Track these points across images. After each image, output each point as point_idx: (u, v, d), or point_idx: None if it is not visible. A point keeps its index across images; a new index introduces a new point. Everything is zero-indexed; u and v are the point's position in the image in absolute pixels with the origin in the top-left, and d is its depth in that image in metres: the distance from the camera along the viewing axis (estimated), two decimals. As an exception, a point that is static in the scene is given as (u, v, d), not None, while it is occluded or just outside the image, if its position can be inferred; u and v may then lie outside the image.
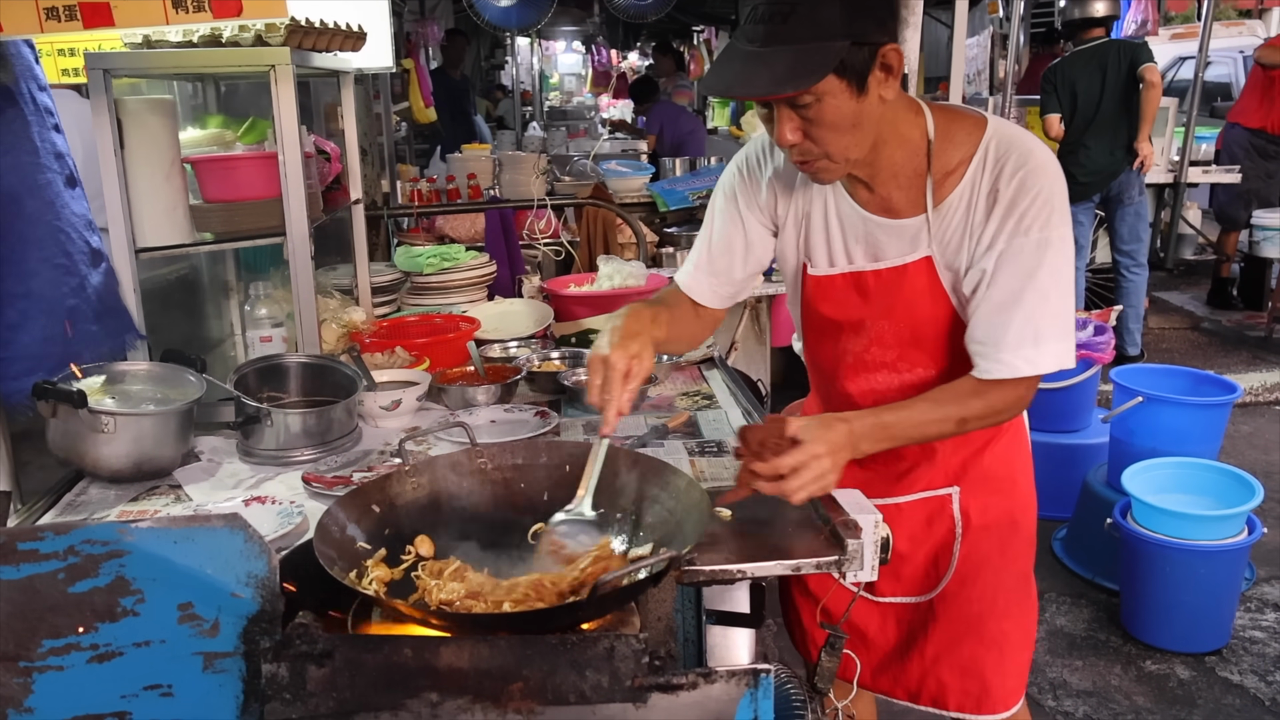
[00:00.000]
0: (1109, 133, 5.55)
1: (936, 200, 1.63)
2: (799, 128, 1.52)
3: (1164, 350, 6.15)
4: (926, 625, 1.88)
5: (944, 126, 1.62)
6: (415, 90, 7.14)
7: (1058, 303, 1.59)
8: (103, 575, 1.23)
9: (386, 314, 3.05)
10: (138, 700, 1.25)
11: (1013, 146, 1.59)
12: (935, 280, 1.67)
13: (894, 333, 1.73)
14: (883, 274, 1.71)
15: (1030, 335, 1.57)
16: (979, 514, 1.84)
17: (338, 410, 2.05)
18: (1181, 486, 3.40)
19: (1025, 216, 1.56)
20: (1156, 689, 3.10)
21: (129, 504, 1.86)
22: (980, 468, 1.84)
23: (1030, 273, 1.56)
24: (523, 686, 1.26)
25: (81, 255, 2.02)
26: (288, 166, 2.11)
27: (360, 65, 2.84)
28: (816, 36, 1.43)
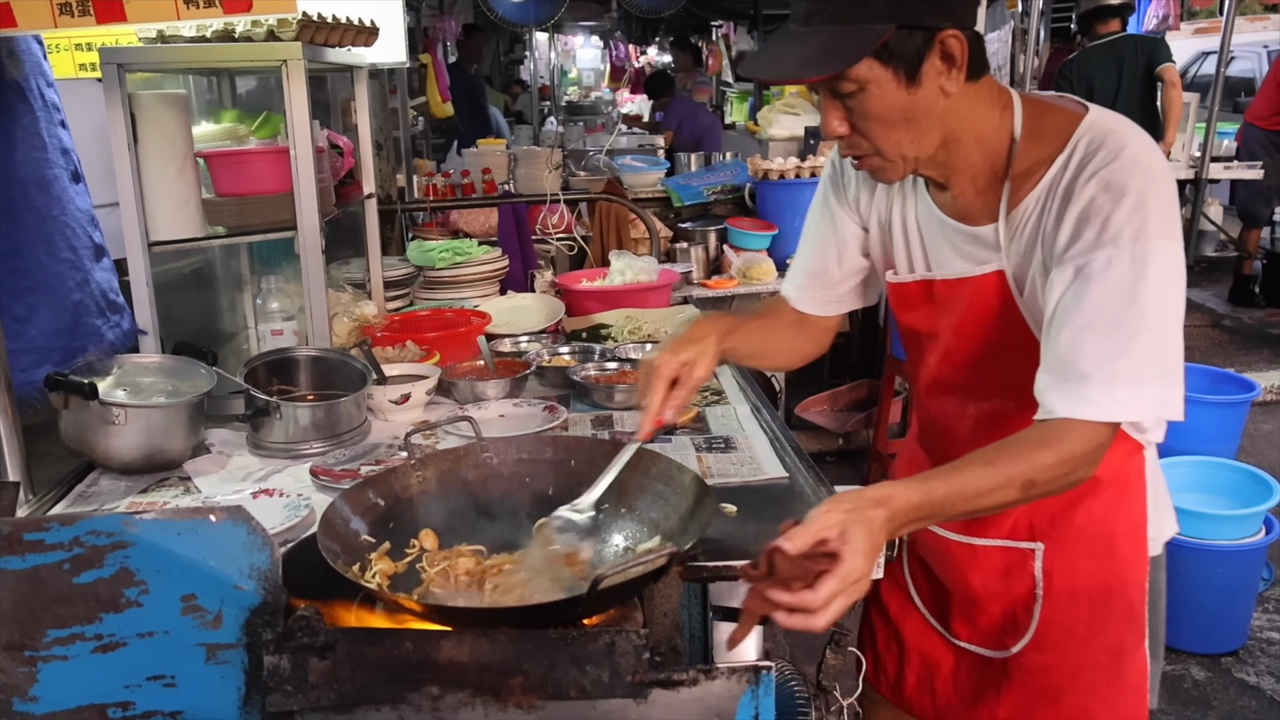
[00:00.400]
0: None
1: (1011, 205, 1.43)
2: (844, 119, 1.38)
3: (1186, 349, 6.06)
4: (999, 684, 1.68)
5: (1033, 122, 1.42)
6: (433, 85, 7.15)
7: (1160, 336, 1.30)
8: (107, 566, 1.24)
9: (399, 308, 3.06)
10: (141, 690, 1.26)
11: (1106, 139, 1.34)
12: (1009, 299, 1.46)
13: (963, 352, 1.55)
14: (952, 284, 1.52)
15: (1127, 369, 1.28)
16: (1065, 577, 1.60)
17: (346, 404, 2.06)
18: (1198, 485, 3.37)
19: (1111, 222, 1.29)
20: (1171, 690, 3.07)
21: (139, 495, 1.87)
22: (1071, 526, 1.58)
23: (1124, 292, 1.28)
24: (523, 681, 1.26)
25: (85, 250, 2.04)
26: (299, 161, 2.12)
27: (374, 60, 2.84)
28: (858, 17, 1.28)
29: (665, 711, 1.29)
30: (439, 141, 8.27)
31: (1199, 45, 9.32)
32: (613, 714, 1.28)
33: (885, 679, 1.87)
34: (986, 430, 1.54)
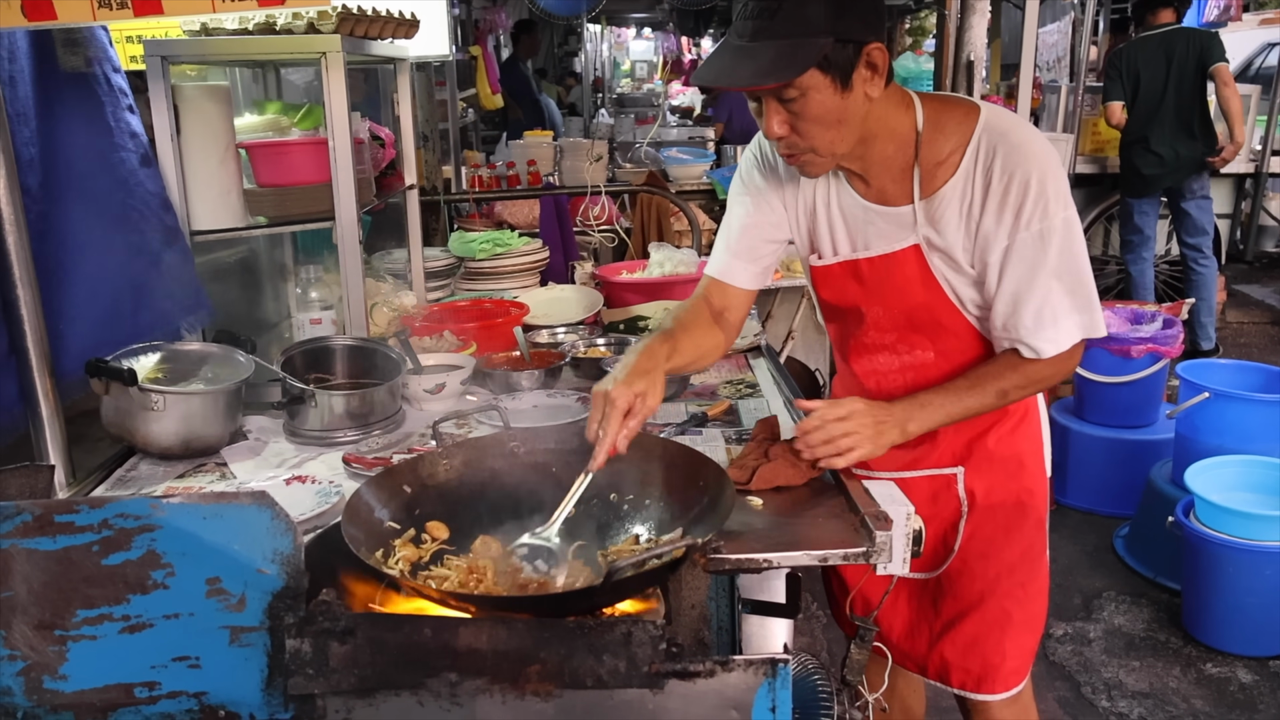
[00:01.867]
0: (1171, 128, 5.38)
1: (929, 190, 1.69)
2: (785, 121, 1.58)
3: (1241, 345, 5.95)
4: (935, 601, 1.94)
5: (933, 118, 1.68)
6: (482, 77, 7.19)
7: (1071, 281, 1.64)
8: (135, 549, 1.26)
9: (439, 299, 3.09)
10: (166, 671, 1.29)
11: (1003, 138, 1.63)
12: (925, 267, 1.73)
13: (889, 317, 1.81)
14: (875, 261, 1.77)
15: (1049, 318, 1.64)
16: (984, 495, 1.87)
17: (380, 392, 2.08)
18: (1247, 485, 3.29)
19: (1023, 211, 1.62)
20: (1216, 692, 3.01)
21: (176, 480, 1.91)
22: (985, 449, 1.87)
23: (1038, 262, 1.63)
24: (540, 669, 1.26)
25: (155, 233, 2.08)
26: (337, 152, 2.14)
27: (416, 53, 2.86)
28: (801, 33, 1.49)
29: (682, 703, 1.28)
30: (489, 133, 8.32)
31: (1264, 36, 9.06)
32: (629, 704, 1.28)
33: (846, 623, 2.06)
34: (914, 379, 1.83)
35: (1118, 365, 4.04)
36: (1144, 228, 5.65)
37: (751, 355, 2.62)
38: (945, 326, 1.77)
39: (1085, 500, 4.22)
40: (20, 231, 1.79)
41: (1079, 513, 4.18)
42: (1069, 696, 3.00)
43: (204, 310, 2.26)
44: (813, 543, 1.55)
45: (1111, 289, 6.25)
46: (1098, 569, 3.75)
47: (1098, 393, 4.15)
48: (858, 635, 1.67)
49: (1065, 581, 3.65)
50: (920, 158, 1.67)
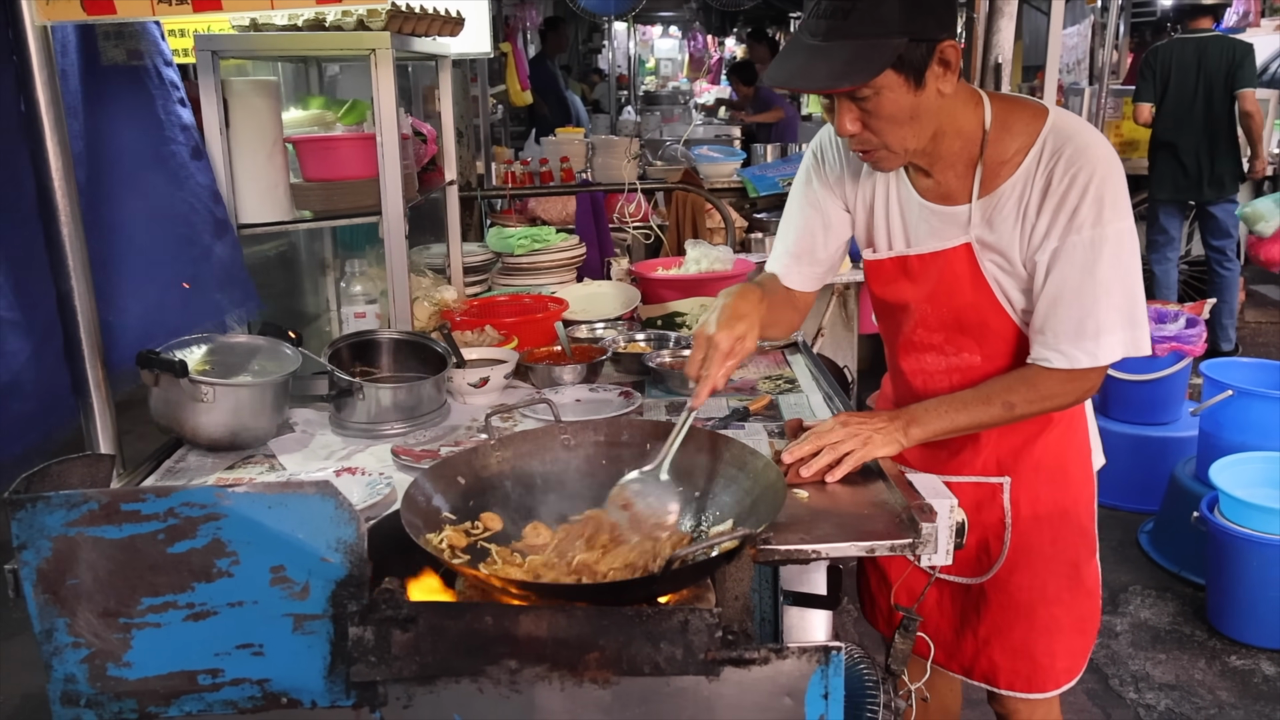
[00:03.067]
0: (1200, 139, 5.37)
1: (988, 188, 1.69)
2: (858, 119, 1.59)
3: (1260, 345, 5.98)
4: (979, 607, 1.93)
5: (1001, 117, 1.68)
6: (512, 73, 7.22)
7: (1120, 296, 1.62)
8: (200, 537, 1.28)
9: (477, 293, 3.10)
10: (230, 658, 1.30)
11: (1070, 139, 1.63)
12: (975, 267, 1.73)
13: (937, 316, 1.81)
14: (925, 258, 1.78)
15: (1091, 329, 1.62)
16: (1029, 505, 1.86)
17: (427, 386, 2.09)
18: (1270, 481, 3.32)
19: (1078, 214, 1.61)
20: (1241, 684, 3.03)
21: (226, 472, 1.92)
22: (1031, 458, 1.85)
23: (1087, 268, 1.61)
24: (599, 656, 1.27)
25: (205, 226, 2.10)
26: (385, 148, 2.15)
27: (459, 50, 2.88)
28: (876, 33, 1.50)
29: (736, 690, 1.29)
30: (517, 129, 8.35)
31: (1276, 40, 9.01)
32: (684, 691, 1.29)
33: (880, 616, 2.11)
34: (959, 381, 1.82)
35: (1142, 363, 4.08)
36: (1170, 229, 5.65)
37: (789, 351, 2.62)
38: (992, 329, 1.77)
39: (1110, 496, 4.22)
40: (75, 224, 1.81)
41: (1104, 509, 4.11)
42: (1097, 689, 3.02)
43: (253, 303, 2.28)
44: (859, 534, 1.55)
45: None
46: (1124, 564, 3.77)
47: (1122, 390, 4.20)
48: (901, 625, 1.68)
49: (1094, 577, 3.67)
50: (985, 155, 1.68)
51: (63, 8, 1.78)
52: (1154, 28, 8.75)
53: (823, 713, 1.30)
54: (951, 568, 1.91)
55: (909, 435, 1.69)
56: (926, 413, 1.71)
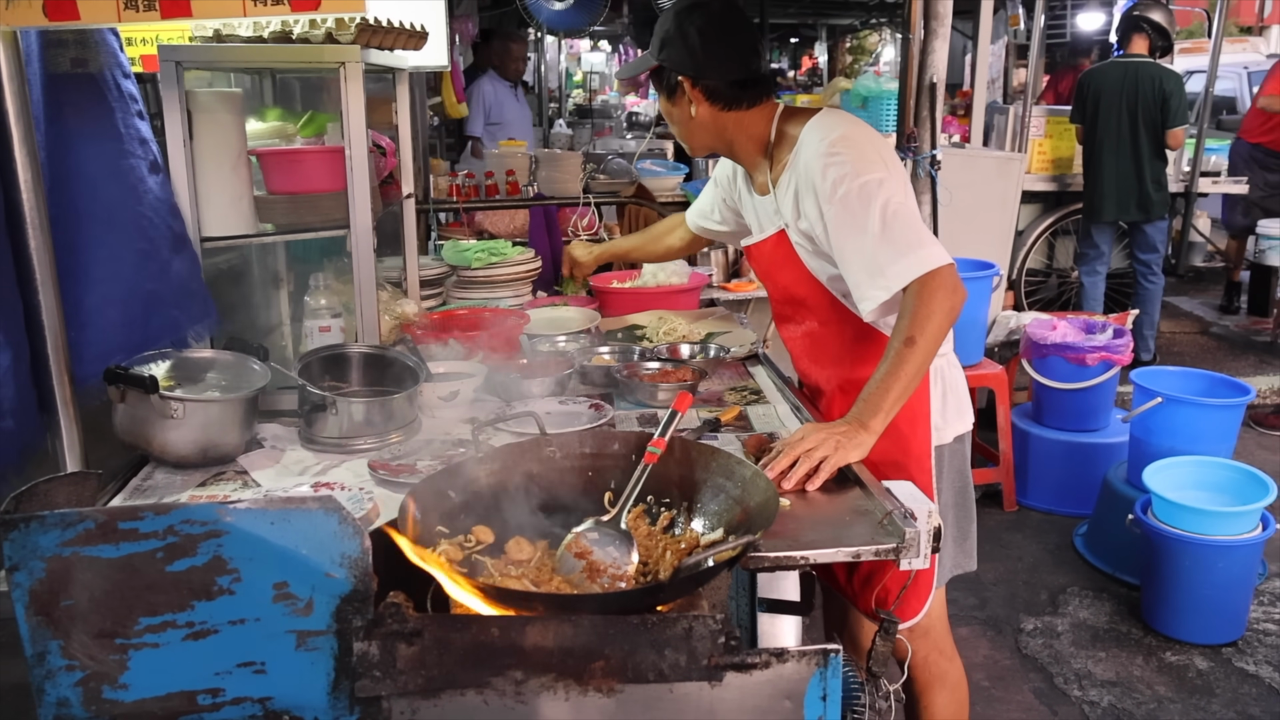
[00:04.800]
0: (1127, 160, 5.56)
1: (775, 179, 2.04)
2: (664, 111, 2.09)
3: (1175, 354, 6.24)
4: None
5: (783, 127, 2.02)
6: (448, 86, 7.14)
7: (888, 231, 1.83)
8: (200, 555, 1.27)
9: (433, 307, 3.09)
10: (231, 677, 1.29)
11: (815, 128, 1.96)
12: (789, 249, 2.04)
13: (777, 292, 2.17)
14: (761, 244, 2.13)
15: (875, 269, 1.83)
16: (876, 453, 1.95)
17: (400, 400, 2.08)
18: (1201, 484, 3.49)
19: (827, 179, 1.88)
20: (1177, 679, 3.17)
21: (197, 489, 1.89)
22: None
23: (853, 227, 1.85)
24: (604, 665, 1.29)
25: (164, 240, 2.06)
26: (354, 161, 2.14)
27: (416, 63, 2.87)
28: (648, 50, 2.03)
29: (738, 694, 1.32)
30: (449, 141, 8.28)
31: (1184, 64, 9.49)
32: (687, 697, 1.31)
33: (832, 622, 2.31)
34: (810, 345, 2.16)
35: (1073, 372, 4.26)
36: (1100, 244, 5.86)
37: (749, 363, 2.67)
38: (817, 299, 2.05)
39: (1045, 501, 4.43)
40: (44, 236, 1.78)
41: (1039, 513, 4.38)
42: (1043, 687, 3.13)
43: (211, 318, 2.24)
44: (845, 540, 1.60)
45: (1055, 301, 6.48)
46: (1061, 566, 3.91)
47: (1054, 398, 4.37)
48: (881, 628, 1.73)
49: (1031, 578, 3.82)
50: (772, 154, 2.03)
51: (23, 12, 1.74)
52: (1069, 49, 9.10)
53: (821, 714, 1.34)
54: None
55: (870, 429, 1.79)
56: (869, 401, 1.81)
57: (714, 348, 2.62)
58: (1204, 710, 3.00)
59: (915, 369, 1.81)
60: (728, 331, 2.81)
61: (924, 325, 1.80)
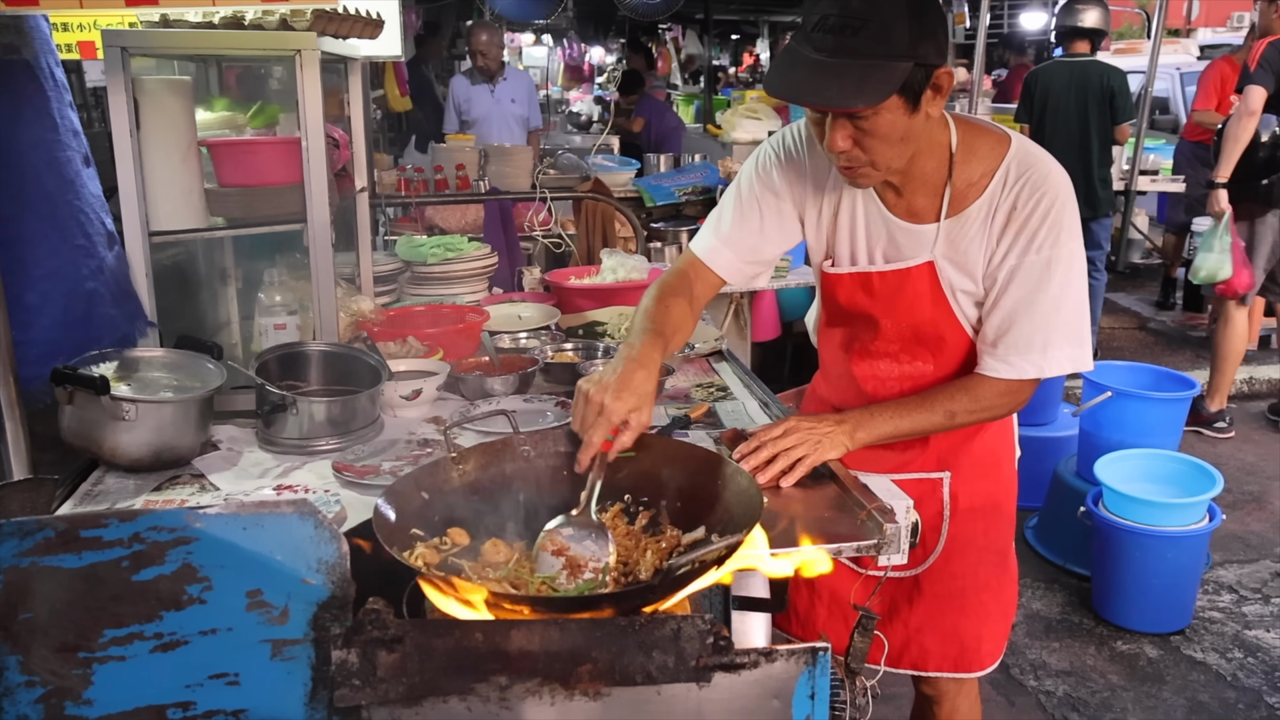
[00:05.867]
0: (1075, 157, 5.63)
1: (955, 209, 1.75)
2: (850, 136, 1.60)
3: (1114, 349, 6.38)
4: (911, 598, 2.00)
5: (967, 140, 1.74)
6: (391, 78, 7.06)
7: (1069, 313, 1.72)
8: (169, 563, 1.21)
9: (387, 303, 3.02)
10: (202, 690, 1.23)
11: (1033, 166, 1.72)
12: (936, 284, 1.79)
13: (895, 329, 1.87)
14: (888, 275, 1.83)
15: (1039, 342, 1.72)
16: (966, 498, 1.96)
17: (362, 400, 2.03)
18: (1150, 476, 3.56)
19: (1037, 235, 1.70)
20: (1128, 667, 3.24)
21: (152, 494, 1.82)
22: (970, 454, 1.95)
23: (1042, 286, 1.70)
24: (591, 668, 1.26)
25: (99, 236, 1.98)
26: (311, 153, 2.08)
27: (369, 53, 2.80)
28: (885, 54, 1.51)
29: (726, 694, 1.30)
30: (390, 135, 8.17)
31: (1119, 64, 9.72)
32: (675, 698, 1.29)
33: (796, 619, 2.12)
34: (910, 387, 1.90)
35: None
36: None
37: (714, 360, 2.65)
38: (948, 341, 1.85)
39: (995, 493, 4.44)
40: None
41: None
42: (1000, 678, 3.17)
43: (142, 319, 2.15)
44: (823, 537, 1.58)
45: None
46: (1010, 557, 3.94)
47: (1003, 393, 4.38)
48: (859, 624, 1.72)
49: (985, 571, 3.84)
50: (954, 177, 1.74)
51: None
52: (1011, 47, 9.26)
53: (809, 713, 1.32)
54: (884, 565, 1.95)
55: (855, 439, 1.75)
56: (872, 418, 1.77)
57: (677, 344, 2.59)
58: (1155, 698, 3.06)
59: (924, 431, 1.81)
60: (690, 327, 2.79)
61: (971, 414, 1.79)
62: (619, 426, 1.55)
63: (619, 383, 1.57)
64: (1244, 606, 3.58)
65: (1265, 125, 4.74)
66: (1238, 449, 5.04)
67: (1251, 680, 3.14)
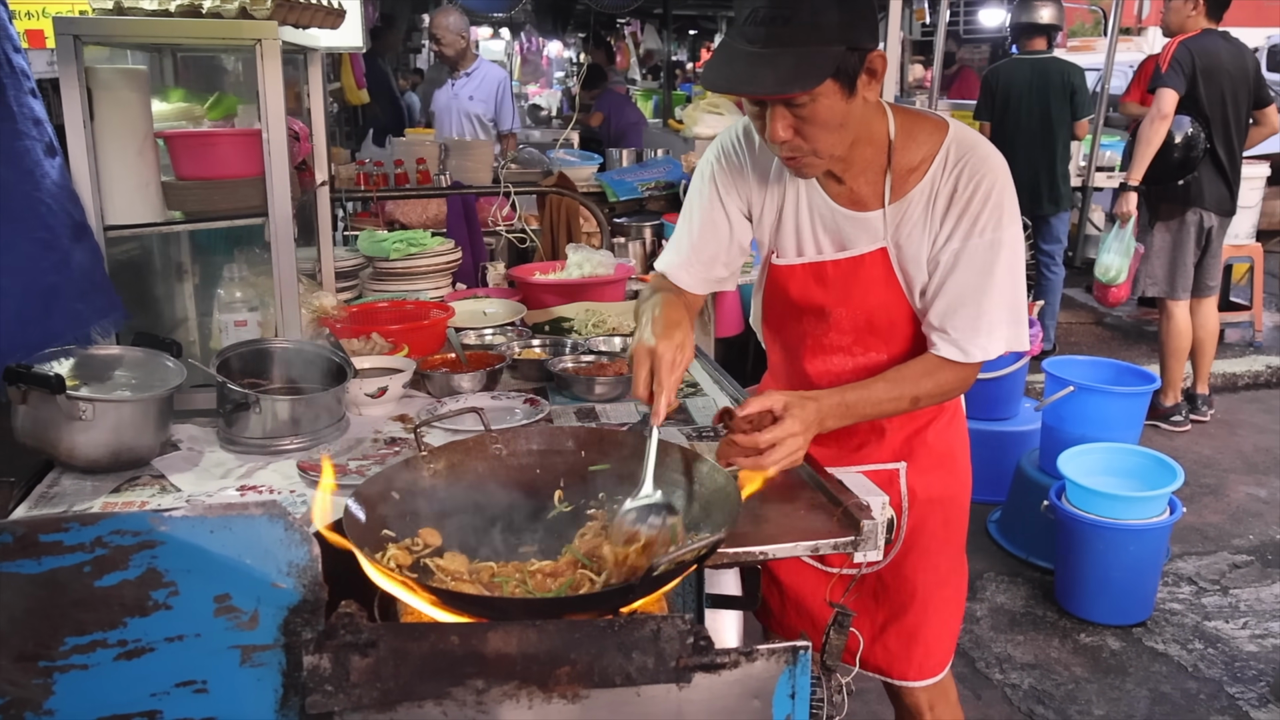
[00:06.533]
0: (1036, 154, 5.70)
1: (897, 195, 1.76)
2: (791, 125, 1.61)
3: (1072, 343, 6.47)
4: (876, 594, 1.99)
5: (905, 126, 1.76)
6: (347, 71, 6.95)
7: (1010, 294, 1.74)
8: (133, 568, 1.17)
9: (349, 299, 2.97)
10: (169, 698, 1.20)
11: (972, 150, 1.73)
12: (889, 270, 1.80)
13: (850, 319, 1.86)
14: (841, 264, 1.82)
15: (985, 325, 1.73)
16: (924, 489, 1.95)
17: (327, 398, 1.99)
18: (1111, 470, 3.60)
19: (979, 219, 1.71)
20: (1092, 660, 3.27)
21: (111, 495, 1.77)
22: (925, 444, 1.95)
23: (983, 270, 1.72)
24: (570, 670, 1.23)
25: (64, 229, 1.91)
26: (273, 145, 2.03)
27: (329, 43, 2.75)
28: (816, 40, 1.52)
29: (706, 695, 1.28)
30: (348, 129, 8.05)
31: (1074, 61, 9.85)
32: (654, 699, 1.27)
33: (772, 617, 2.12)
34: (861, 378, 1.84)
35: (985, 362, 4.30)
36: None
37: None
38: (899, 329, 1.85)
39: (957, 487, 4.47)
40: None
41: None
42: (965, 672, 3.19)
43: (117, 313, 2.09)
44: (802, 534, 1.58)
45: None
46: (976, 552, 3.98)
47: (966, 388, 4.41)
48: (835, 621, 1.72)
49: (949, 565, 3.87)
50: (894, 163, 1.75)
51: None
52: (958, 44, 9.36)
53: (789, 712, 1.31)
54: (849, 563, 1.94)
55: (823, 427, 1.67)
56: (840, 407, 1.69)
57: (646, 339, 2.57)
58: (1119, 689, 3.10)
59: (889, 414, 1.80)
60: (657, 322, 2.77)
61: (934, 397, 1.80)
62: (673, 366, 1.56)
63: (656, 327, 1.59)
64: (1203, 598, 3.64)
65: (1179, 126, 4.78)
66: (1194, 442, 5.12)
67: (1212, 671, 3.19)
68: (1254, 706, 2.98)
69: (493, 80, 6.13)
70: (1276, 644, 3.31)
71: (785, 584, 2.06)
